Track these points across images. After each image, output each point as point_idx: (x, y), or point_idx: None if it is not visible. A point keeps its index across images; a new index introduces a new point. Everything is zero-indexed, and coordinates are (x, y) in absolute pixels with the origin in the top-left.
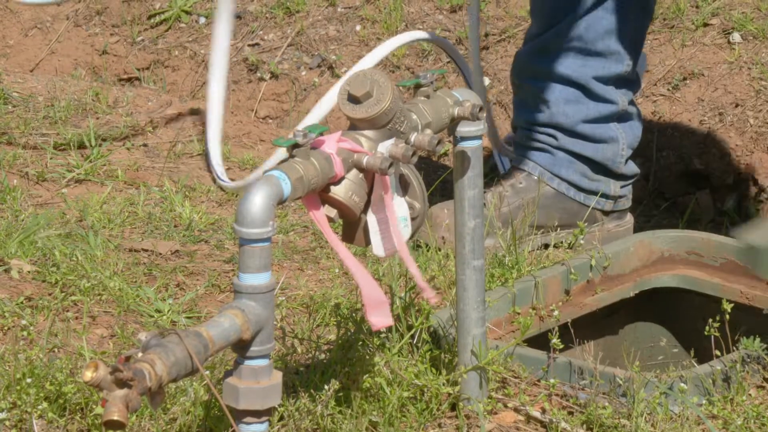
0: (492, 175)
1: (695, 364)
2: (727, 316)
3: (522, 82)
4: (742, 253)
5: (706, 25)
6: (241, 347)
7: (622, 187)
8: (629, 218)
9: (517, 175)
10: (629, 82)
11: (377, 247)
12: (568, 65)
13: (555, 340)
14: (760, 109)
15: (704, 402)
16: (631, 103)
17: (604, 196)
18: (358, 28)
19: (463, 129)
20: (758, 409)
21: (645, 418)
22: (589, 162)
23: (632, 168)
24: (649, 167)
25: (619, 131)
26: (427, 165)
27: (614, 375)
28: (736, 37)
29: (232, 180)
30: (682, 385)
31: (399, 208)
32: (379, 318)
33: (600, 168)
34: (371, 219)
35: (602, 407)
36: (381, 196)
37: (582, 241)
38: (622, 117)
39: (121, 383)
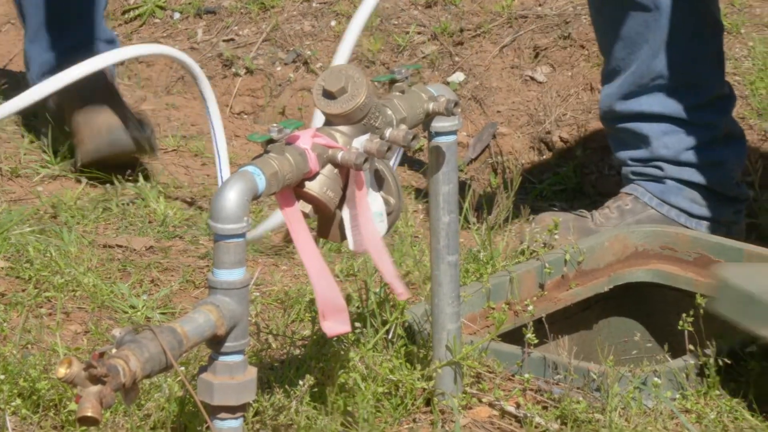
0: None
1: (669, 359)
2: (701, 311)
3: (615, 124)
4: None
5: None
6: (216, 343)
7: (734, 213)
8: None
9: (624, 197)
10: (724, 98)
11: (351, 242)
12: (659, 103)
13: (529, 335)
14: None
15: (678, 396)
16: (730, 120)
17: (715, 221)
18: (333, 23)
19: (438, 124)
20: (731, 404)
21: (619, 412)
22: (698, 188)
23: (743, 191)
24: None
25: (724, 153)
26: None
27: (588, 370)
28: None
29: None
30: (656, 379)
31: (374, 203)
32: (335, 325)
33: (710, 193)
34: (345, 214)
35: (576, 402)
36: (355, 192)
37: (557, 236)
38: (724, 138)
39: (95, 379)
